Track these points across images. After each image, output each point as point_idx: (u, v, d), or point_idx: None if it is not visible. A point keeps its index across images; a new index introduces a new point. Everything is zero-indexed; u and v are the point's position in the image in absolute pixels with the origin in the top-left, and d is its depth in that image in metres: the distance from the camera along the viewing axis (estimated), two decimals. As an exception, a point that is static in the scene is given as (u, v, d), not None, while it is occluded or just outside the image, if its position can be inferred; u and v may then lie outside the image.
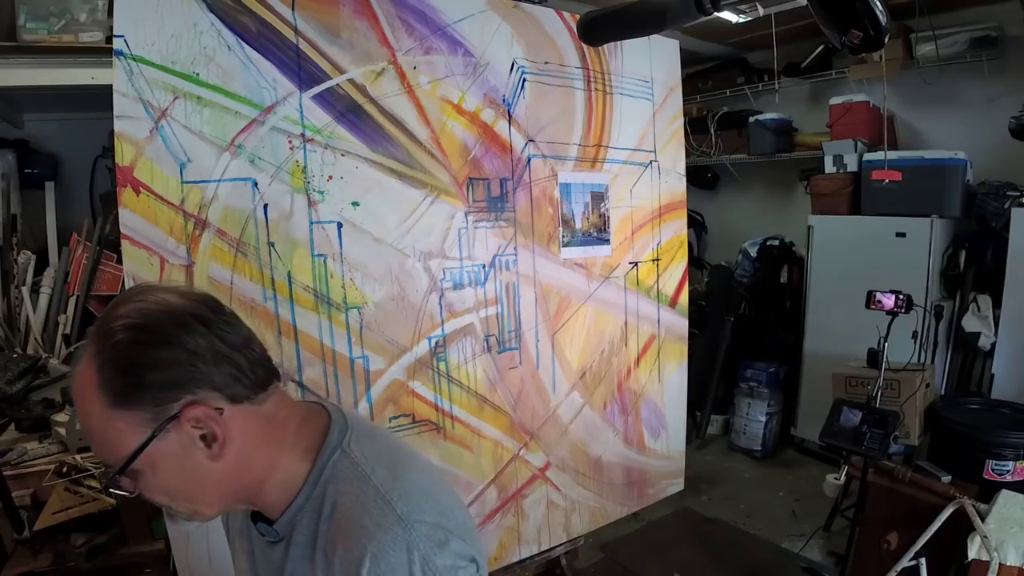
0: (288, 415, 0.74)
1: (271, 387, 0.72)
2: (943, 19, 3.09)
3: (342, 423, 0.77)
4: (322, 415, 0.78)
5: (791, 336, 3.80)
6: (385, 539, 0.66)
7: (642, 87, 2.33)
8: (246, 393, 0.69)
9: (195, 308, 0.67)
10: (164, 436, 0.64)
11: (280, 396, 0.74)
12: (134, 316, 0.65)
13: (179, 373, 0.64)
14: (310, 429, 0.75)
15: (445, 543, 0.69)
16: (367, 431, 0.79)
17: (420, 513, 0.69)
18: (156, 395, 0.64)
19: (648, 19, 1.06)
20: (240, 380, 0.68)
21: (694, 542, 2.91)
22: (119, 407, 0.63)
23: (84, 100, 2.02)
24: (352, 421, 0.78)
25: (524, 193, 2.07)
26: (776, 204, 4.27)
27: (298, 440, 0.74)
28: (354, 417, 0.80)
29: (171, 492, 0.69)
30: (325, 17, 1.66)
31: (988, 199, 3.02)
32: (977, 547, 1.82)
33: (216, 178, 1.53)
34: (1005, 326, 2.93)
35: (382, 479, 0.71)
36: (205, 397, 0.66)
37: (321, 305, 1.70)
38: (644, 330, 2.43)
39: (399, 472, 0.74)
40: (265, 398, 0.71)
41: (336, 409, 0.80)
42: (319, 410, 0.79)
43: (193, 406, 0.65)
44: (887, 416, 2.36)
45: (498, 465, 2.08)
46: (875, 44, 0.82)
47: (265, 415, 0.71)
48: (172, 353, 0.64)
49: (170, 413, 0.64)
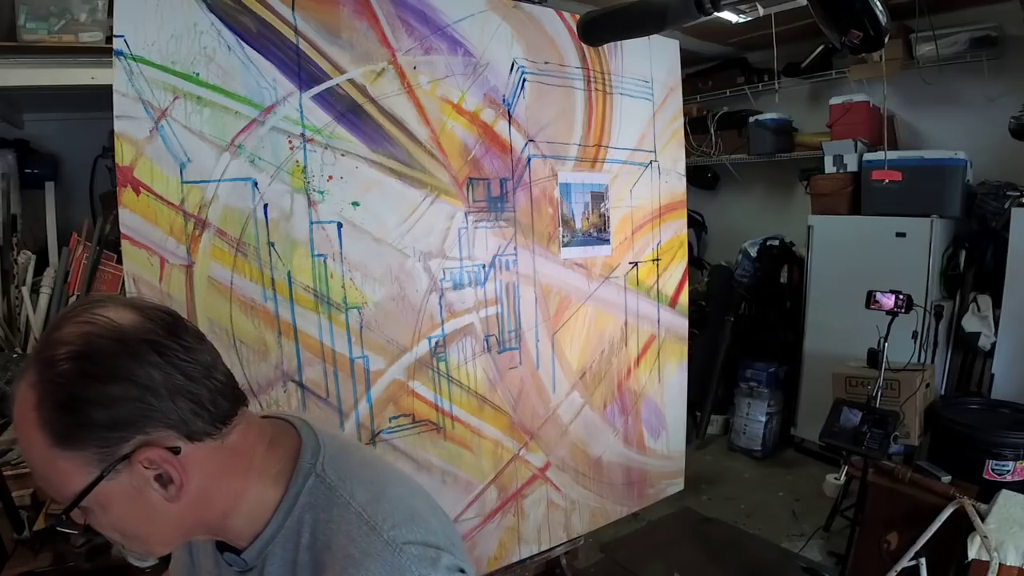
0: (255, 441, 0.69)
1: (236, 417, 0.66)
2: (943, 19, 3.09)
3: (314, 443, 0.72)
4: (292, 435, 0.73)
5: (791, 336, 3.80)
6: (375, 567, 0.63)
7: (642, 87, 2.33)
8: (207, 429, 0.62)
9: (149, 333, 0.60)
10: (114, 476, 0.58)
11: (246, 423, 0.68)
12: (79, 343, 0.57)
13: (129, 411, 0.57)
14: (279, 453, 0.70)
15: (437, 560, 0.66)
16: (340, 448, 0.74)
17: (408, 534, 0.66)
18: (103, 435, 0.57)
19: (648, 19, 1.06)
20: (200, 415, 0.61)
21: (694, 542, 2.91)
22: (62, 447, 0.57)
23: (84, 100, 2.02)
24: (324, 439, 0.74)
25: (524, 193, 2.07)
26: (776, 204, 4.27)
27: (266, 466, 0.69)
28: (325, 434, 0.75)
29: (124, 531, 0.64)
30: (325, 17, 1.66)
31: (988, 199, 3.02)
32: (977, 547, 1.82)
33: (216, 178, 1.53)
34: (1005, 326, 2.93)
35: (363, 503, 0.67)
36: (159, 436, 0.59)
37: (321, 305, 1.70)
38: (644, 330, 2.43)
39: (380, 492, 0.70)
40: (230, 430, 0.65)
41: (306, 427, 0.75)
42: (288, 430, 0.74)
43: (146, 448, 0.59)
44: (887, 416, 2.36)
45: (498, 465, 2.08)
46: (875, 44, 0.81)
47: (229, 448, 0.65)
48: (122, 388, 0.57)
49: (120, 454, 0.58)
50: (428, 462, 1.93)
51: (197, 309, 1.53)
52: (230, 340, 1.57)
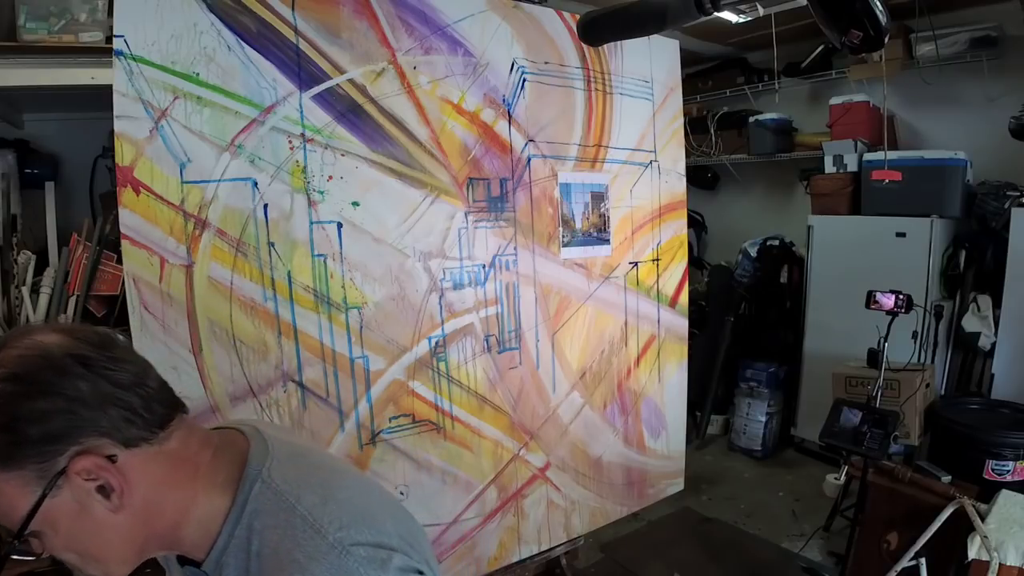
0: (199, 448, 0.69)
1: (174, 422, 0.67)
2: (943, 19, 3.09)
3: (261, 448, 0.71)
4: (240, 441, 0.73)
5: (791, 336, 3.80)
6: (320, 570, 0.62)
7: (642, 87, 2.33)
8: (142, 434, 0.63)
9: (75, 348, 0.61)
10: (56, 493, 0.59)
11: (187, 429, 0.68)
12: (9, 365, 0.58)
13: (60, 423, 0.58)
14: (226, 460, 0.70)
15: (387, 561, 0.65)
16: (291, 453, 0.74)
17: (356, 535, 0.65)
18: (39, 450, 0.58)
19: (648, 19, 1.06)
20: (133, 421, 0.62)
21: (694, 542, 2.91)
22: (2, 469, 0.58)
23: (84, 100, 2.01)
24: (273, 444, 0.73)
25: (524, 193, 2.07)
26: (776, 204, 4.27)
27: (213, 474, 0.68)
28: (276, 438, 0.75)
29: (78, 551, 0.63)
30: (325, 17, 1.66)
31: (988, 199, 3.01)
32: (977, 547, 1.82)
33: (216, 178, 1.53)
34: (1005, 326, 2.92)
35: (309, 506, 0.66)
36: (93, 445, 0.60)
37: (321, 305, 1.70)
38: (644, 330, 2.43)
39: (328, 494, 0.69)
40: (168, 435, 0.65)
41: (255, 432, 0.75)
42: (236, 436, 0.74)
43: (81, 457, 0.59)
44: (887, 416, 2.36)
45: (498, 465, 2.08)
46: (875, 44, 0.81)
47: (170, 454, 0.65)
48: (50, 402, 0.58)
49: (57, 468, 0.58)
50: (428, 462, 1.93)
51: (197, 309, 1.53)
52: (230, 340, 1.57)
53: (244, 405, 1.61)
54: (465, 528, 2.02)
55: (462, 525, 2.02)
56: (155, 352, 1.49)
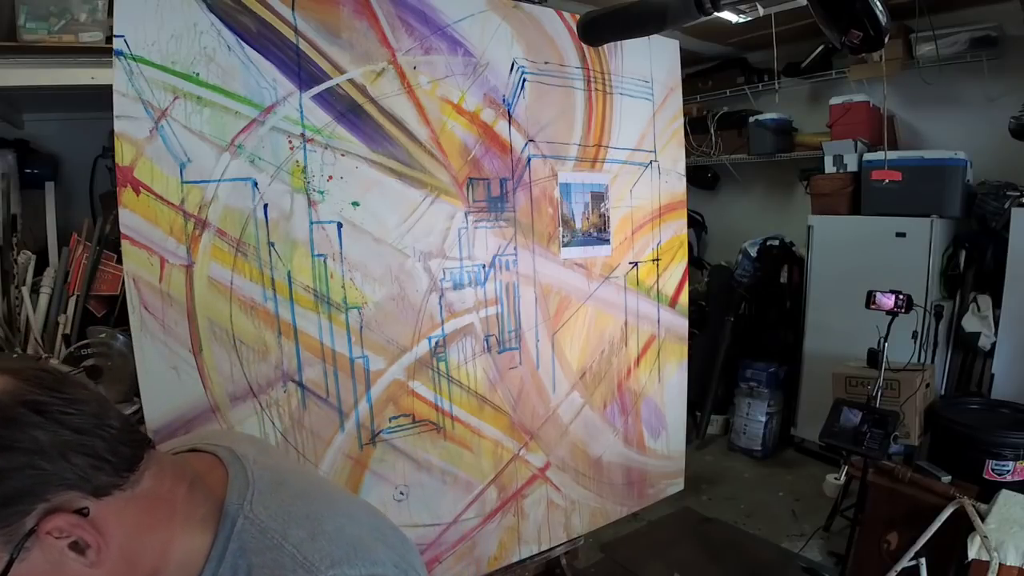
0: (174, 483, 0.64)
1: (143, 460, 0.61)
2: (943, 19, 3.09)
3: (241, 478, 0.67)
4: (218, 472, 0.68)
5: (791, 336, 3.80)
6: None
7: (642, 87, 2.33)
8: (112, 481, 0.58)
9: (26, 393, 0.55)
10: (26, 556, 0.53)
11: (158, 466, 0.63)
12: None
13: (21, 481, 0.53)
14: (203, 494, 0.66)
15: None
16: (273, 481, 0.70)
17: (349, 571, 0.62)
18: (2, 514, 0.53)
19: (648, 19, 1.06)
20: (101, 468, 0.57)
21: (694, 542, 2.91)
22: None
23: (84, 100, 2.01)
24: (253, 471, 0.69)
25: (524, 193, 2.07)
26: (776, 204, 4.27)
27: (191, 511, 0.64)
28: (257, 463, 0.71)
29: None
30: (325, 17, 1.66)
31: (988, 199, 3.01)
32: (977, 547, 1.82)
33: (216, 178, 1.53)
34: (1005, 326, 2.92)
35: (297, 542, 0.63)
36: (61, 501, 0.54)
37: (321, 305, 1.70)
38: (644, 330, 2.43)
39: (317, 528, 0.65)
40: (139, 476, 0.60)
41: (234, 458, 0.70)
42: (213, 464, 0.70)
43: (51, 516, 0.54)
44: (887, 416, 2.36)
45: (498, 465, 2.08)
46: (875, 44, 0.81)
47: (144, 495, 0.60)
48: (6, 459, 0.52)
49: (25, 530, 0.53)
50: (428, 462, 1.93)
51: (197, 309, 1.53)
52: (230, 340, 1.57)
53: (244, 405, 1.61)
54: (465, 528, 2.02)
55: (462, 525, 2.02)
56: (155, 352, 1.49)
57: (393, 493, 1.87)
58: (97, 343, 1.96)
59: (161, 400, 1.51)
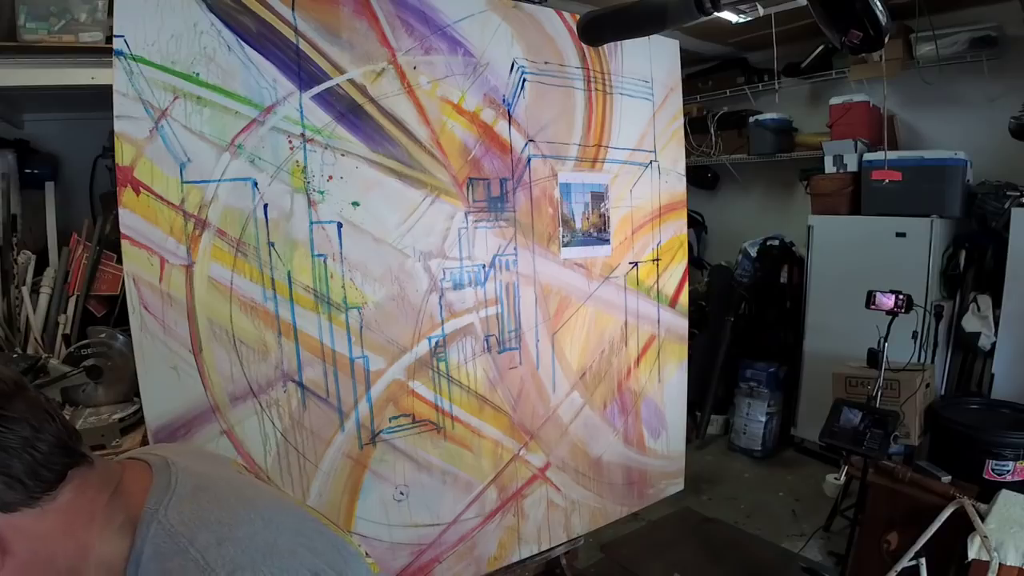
0: (96, 493, 0.65)
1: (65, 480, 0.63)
2: (943, 19, 3.09)
3: (163, 484, 0.68)
4: (144, 477, 0.69)
5: (791, 336, 3.80)
6: None
7: (642, 87, 2.33)
8: (21, 499, 0.59)
9: None
10: None
11: (82, 479, 0.64)
12: None
13: None
14: (124, 501, 0.66)
15: None
16: (196, 486, 0.70)
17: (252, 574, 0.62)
18: None
19: (648, 19, 1.06)
20: (12, 487, 0.59)
21: (694, 542, 2.91)
22: None
23: (84, 100, 2.01)
24: (179, 477, 0.70)
25: (524, 193, 2.07)
26: (776, 204, 4.27)
27: (112, 515, 0.65)
28: (186, 470, 0.71)
29: None
30: (325, 17, 1.66)
31: (988, 199, 3.01)
32: (977, 547, 1.82)
33: (216, 178, 1.53)
34: (1005, 326, 2.92)
35: (203, 547, 0.63)
36: None
37: (321, 305, 1.70)
38: (644, 330, 2.43)
39: (226, 534, 0.65)
40: (56, 494, 0.62)
41: (164, 465, 0.71)
42: (142, 471, 0.70)
43: None
44: (887, 416, 2.36)
45: (498, 465, 2.08)
46: (875, 44, 0.82)
47: (60, 508, 0.62)
48: None
49: None
50: (428, 462, 1.93)
51: (197, 309, 1.53)
52: (230, 340, 1.57)
53: (244, 405, 1.61)
54: (465, 528, 2.02)
55: (462, 525, 2.02)
56: (155, 352, 1.49)
57: (393, 493, 1.87)
58: (97, 343, 1.96)
59: (161, 400, 1.51)
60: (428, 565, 1.95)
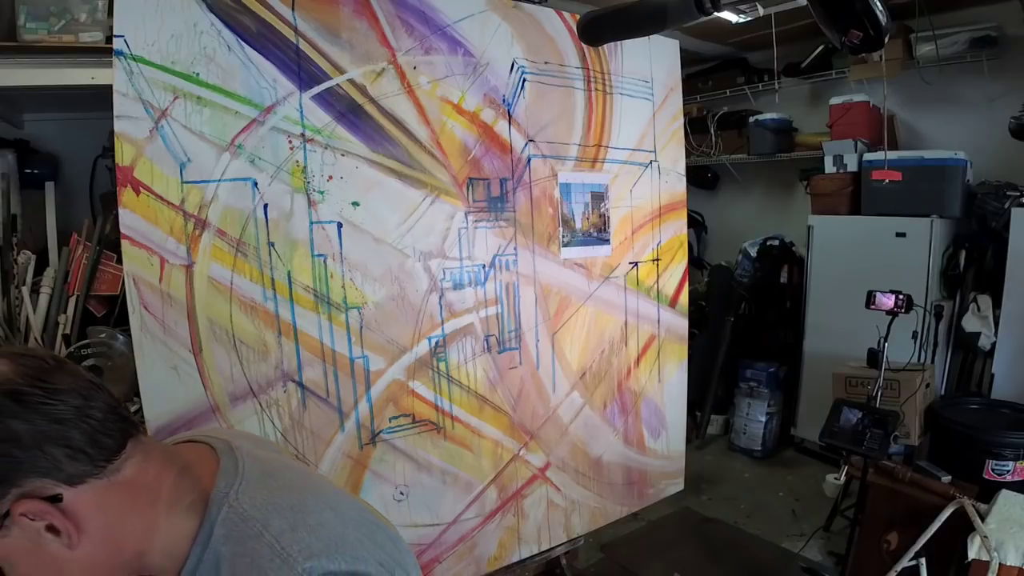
0: (160, 470, 0.65)
1: (126, 449, 0.63)
2: (943, 19, 3.09)
3: (231, 467, 0.69)
4: (209, 459, 0.70)
5: (791, 336, 3.80)
6: None
7: (642, 87, 2.33)
8: (88, 470, 0.60)
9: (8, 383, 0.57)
10: (6, 533, 0.57)
11: (144, 453, 0.65)
12: None
13: None
14: (192, 481, 0.67)
15: None
16: (264, 472, 0.71)
17: (328, 563, 0.62)
18: None
19: (648, 19, 1.06)
20: (76, 458, 0.59)
21: (694, 542, 2.91)
22: None
23: (84, 100, 2.01)
24: (245, 462, 0.70)
25: (524, 193, 2.07)
26: (776, 204, 4.27)
27: (177, 496, 0.65)
28: (251, 454, 0.72)
29: None
30: (325, 17, 1.66)
31: (988, 199, 3.01)
32: (977, 547, 1.82)
33: (216, 178, 1.53)
34: (1005, 326, 2.92)
35: (277, 533, 0.63)
36: (33, 487, 0.57)
37: (321, 305, 1.70)
38: (644, 330, 2.43)
39: (299, 520, 0.65)
40: (120, 465, 0.62)
41: (228, 448, 0.72)
42: (207, 454, 0.71)
43: (22, 501, 0.57)
44: (887, 416, 2.36)
45: (498, 465, 2.08)
46: (875, 44, 0.81)
47: (125, 483, 0.62)
48: None
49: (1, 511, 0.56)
50: (428, 462, 1.93)
51: (197, 309, 1.53)
52: (230, 340, 1.57)
53: (244, 405, 1.61)
54: (465, 528, 2.02)
55: (462, 525, 2.02)
56: (155, 352, 1.49)
57: (393, 493, 1.87)
58: (97, 343, 1.96)
59: (161, 400, 1.51)
60: (428, 565, 1.95)
